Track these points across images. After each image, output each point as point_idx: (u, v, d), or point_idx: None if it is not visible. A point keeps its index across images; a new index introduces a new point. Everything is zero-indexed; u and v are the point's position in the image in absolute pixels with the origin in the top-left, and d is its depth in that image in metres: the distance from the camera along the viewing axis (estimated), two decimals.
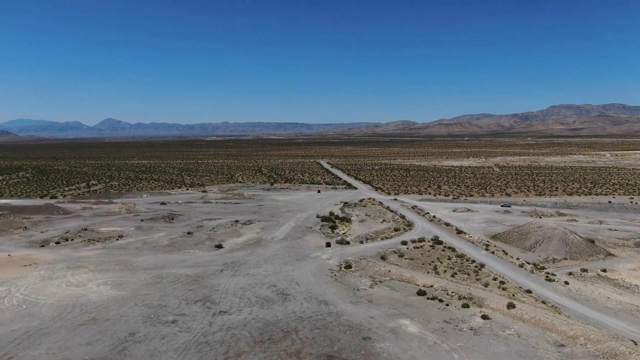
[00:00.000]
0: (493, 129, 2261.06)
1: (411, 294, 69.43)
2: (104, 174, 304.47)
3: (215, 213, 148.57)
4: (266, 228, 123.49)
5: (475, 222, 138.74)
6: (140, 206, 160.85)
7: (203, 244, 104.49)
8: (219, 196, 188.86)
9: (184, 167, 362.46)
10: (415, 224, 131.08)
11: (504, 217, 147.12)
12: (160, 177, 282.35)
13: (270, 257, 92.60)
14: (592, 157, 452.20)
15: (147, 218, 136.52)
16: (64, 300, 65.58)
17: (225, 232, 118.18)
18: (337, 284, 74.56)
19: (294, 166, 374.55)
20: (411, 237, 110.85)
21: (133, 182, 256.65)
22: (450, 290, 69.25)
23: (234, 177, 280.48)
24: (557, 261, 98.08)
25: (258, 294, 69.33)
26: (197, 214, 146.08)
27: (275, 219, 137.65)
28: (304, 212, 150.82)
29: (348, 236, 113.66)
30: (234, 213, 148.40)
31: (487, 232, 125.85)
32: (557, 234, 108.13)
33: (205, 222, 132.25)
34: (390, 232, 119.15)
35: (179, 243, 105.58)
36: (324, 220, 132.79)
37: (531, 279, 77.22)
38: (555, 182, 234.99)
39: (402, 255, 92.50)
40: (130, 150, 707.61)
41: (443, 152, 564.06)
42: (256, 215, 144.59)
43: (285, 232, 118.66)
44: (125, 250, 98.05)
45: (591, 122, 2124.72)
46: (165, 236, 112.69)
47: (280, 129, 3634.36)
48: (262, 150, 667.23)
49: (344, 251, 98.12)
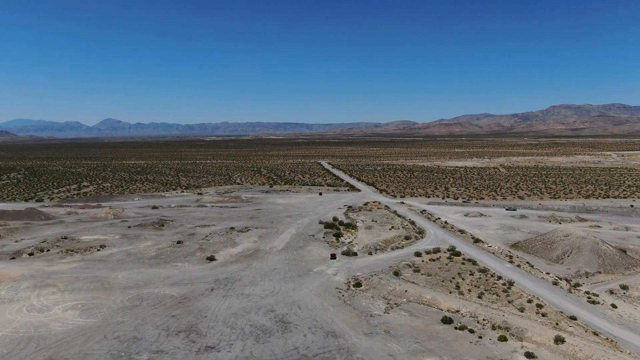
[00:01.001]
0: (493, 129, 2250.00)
1: (435, 321, 58.61)
2: (98, 175, 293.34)
3: (209, 218, 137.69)
4: (264, 236, 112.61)
5: (490, 229, 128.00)
6: (130, 210, 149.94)
7: (193, 256, 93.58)
8: (215, 199, 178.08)
9: (181, 168, 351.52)
10: (426, 231, 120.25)
11: (521, 222, 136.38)
12: (156, 179, 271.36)
13: (268, 272, 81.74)
14: (598, 158, 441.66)
15: (134, 224, 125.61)
16: (19, 331, 54.73)
17: (219, 241, 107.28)
18: (346, 307, 63.73)
19: (294, 167, 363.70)
20: (425, 247, 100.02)
21: (127, 183, 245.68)
22: (480, 317, 58.44)
23: (232, 179, 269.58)
24: (590, 275, 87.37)
25: (253, 321, 58.49)
26: (190, 220, 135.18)
27: (275, 225, 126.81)
28: (305, 217, 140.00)
29: (354, 246, 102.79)
30: (230, 218, 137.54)
31: (505, 239, 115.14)
32: (587, 243, 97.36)
33: (198, 229, 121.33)
34: (400, 241, 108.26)
35: (167, 254, 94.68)
36: (328, 227, 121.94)
37: (571, 301, 66.40)
38: (568, 184, 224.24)
39: (418, 269, 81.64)
40: (128, 151, 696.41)
41: (445, 153, 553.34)
42: (254, 221, 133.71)
43: (285, 240, 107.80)
44: (105, 264, 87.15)
45: (592, 122, 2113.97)
46: (152, 246, 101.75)
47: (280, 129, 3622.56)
48: (262, 151, 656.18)
49: (352, 264, 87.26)
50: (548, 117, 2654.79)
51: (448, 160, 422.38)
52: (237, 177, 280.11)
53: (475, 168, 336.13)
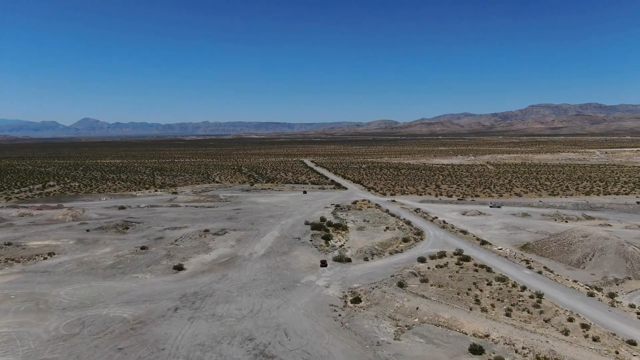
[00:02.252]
0: (474, 128, 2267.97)
1: (461, 351, 45.70)
2: (68, 174, 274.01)
3: (182, 219, 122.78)
4: (243, 239, 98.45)
5: (493, 229, 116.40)
6: (93, 211, 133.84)
7: (158, 264, 79.01)
8: (190, 198, 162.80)
9: (158, 167, 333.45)
10: (425, 232, 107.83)
11: (525, 221, 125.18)
12: (129, 177, 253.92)
13: (246, 284, 67.85)
14: (583, 155, 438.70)
15: (94, 227, 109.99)
16: None
17: (190, 245, 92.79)
18: (344, 332, 50.38)
19: (276, 165, 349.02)
20: (427, 251, 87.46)
21: (97, 182, 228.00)
22: (518, 345, 45.76)
23: (211, 177, 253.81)
24: (620, 282, 75.93)
25: (226, 356, 44.64)
26: (159, 221, 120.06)
27: (255, 226, 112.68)
28: (289, 217, 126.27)
29: (347, 250, 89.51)
30: (205, 219, 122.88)
31: (512, 240, 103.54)
32: (611, 245, 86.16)
33: (167, 232, 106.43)
34: (398, 244, 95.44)
35: (127, 263, 79.86)
36: (315, 229, 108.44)
37: (619, 318, 54.40)
38: (561, 181, 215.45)
39: (426, 279, 68.80)
40: (104, 150, 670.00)
41: (429, 151, 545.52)
42: (232, 222, 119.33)
43: (267, 244, 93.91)
44: (48, 276, 71.98)
45: (570, 122, 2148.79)
46: (110, 253, 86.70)
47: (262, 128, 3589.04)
48: (243, 150, 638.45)
49: (346, 273, 74.00)
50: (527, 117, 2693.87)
51: (433, 158, 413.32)
52: (216, 175, 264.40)
53: (462, 165, 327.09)
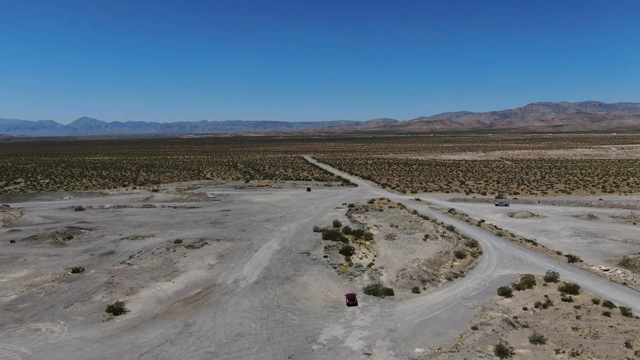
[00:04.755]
0: (474, 126, 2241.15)
1: None
2: (45, 171, 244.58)
3: (151, 225, 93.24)
4: (228, 255, 69.07)
5: (562, 236, 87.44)
6: (38, 214, 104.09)
7: (86, 302, 49.55)
8: (170, 197, 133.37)
9: (147, 164, 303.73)
10: (479, 241, 78.83)
11: (596, 225, 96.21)
12: (110, 174, 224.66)
13: (223, 348, 38.69)
14: (599, 151, 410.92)
15: (25, 236, 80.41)
16: None
17: (149, 266, 63.42)
18: None
19: (274, 161, 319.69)
20: (500, 273, 58.59)
21: (72, 180, 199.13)
22: None
23: (202, 174, 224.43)
24: None
25: None
26: (120, 227, 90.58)
27: (247, 235, 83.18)
28: (292, 221, 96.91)
29: (381, 272, 60.26)
30: (181, 224, 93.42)
31: (598, 253, 74.71)
32: None
33: (124, 243, 76.94)
34: (451, 261, 66.26)
35: (38, 299, 50.46)
36: (329, 237, 78.92)
37: None
38: (603, 176, 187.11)
39: (537, 336, 39.55)
40: (98, 148, 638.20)
41: (434, 147, 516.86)
42: (216, 228, 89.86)
43: (262, 264, 64.60)
44: None
45: (570, 119, 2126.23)
46: (24, 279, 57.26)
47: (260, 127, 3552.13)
48: (240, 147, 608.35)
49: (393, 320, 44.77)
50: (527, 115, 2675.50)
51: (441, 154, 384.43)
52: (209, 172, 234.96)
53: (477, 161, 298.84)
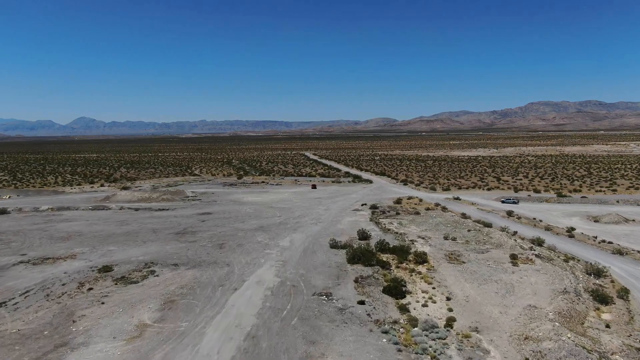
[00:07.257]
0: (474, 125, 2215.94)
1: None
2: (11, 167, 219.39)
3: (82, 237, 67.19)
4: (184, 300, 43.59)
5: None
6: None
7: None
8: (135, 197, 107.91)
9: (134, 160, 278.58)
10: (602, 266, 53.61)
11: None
12: (85, 171, 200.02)
13: None
14: (619, 147, 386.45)
15: None
16: None
17: (22, 328, 38.35)
18: None
19: (273, 158, 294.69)
20: None
21: (35, 176, 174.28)
22: None
23: (190, 170, 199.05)
24: None
25: None
26: (34, 241, 65.10)
27: (225, 254, 57.01)
28: (295, 230, 71.37)
29: (479, 344, 34.97)
30: (131, 236, 67.77)
31: None
32: None
33: (17, 270, 51.43)
34: (591, 311, 41.05)
35: None
36: (357, 259, 52.35)
37: None
38: None
39: None
40: (91, 146, 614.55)
41: (441, 144, 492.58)
42: (181, 242, 63.82)
43: (242, 324, 39.23)
44: None
45: (571, 118, 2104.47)
46: None
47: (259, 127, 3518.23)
48: (238, 145, 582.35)
49: None
50: (527, 114, 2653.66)
51: (451, 151, 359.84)
52: (198, 168, 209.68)
53: (494, 157, 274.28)
